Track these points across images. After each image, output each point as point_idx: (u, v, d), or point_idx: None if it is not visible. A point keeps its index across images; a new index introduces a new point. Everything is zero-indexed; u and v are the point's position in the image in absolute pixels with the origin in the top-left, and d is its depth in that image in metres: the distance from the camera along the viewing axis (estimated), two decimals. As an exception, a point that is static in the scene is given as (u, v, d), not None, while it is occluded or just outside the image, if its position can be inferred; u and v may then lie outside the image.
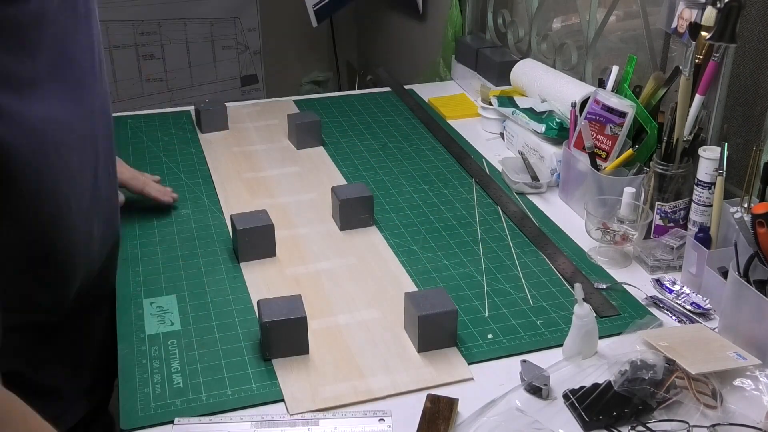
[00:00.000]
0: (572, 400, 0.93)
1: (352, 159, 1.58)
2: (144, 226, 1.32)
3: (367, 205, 1.31)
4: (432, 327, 1.01)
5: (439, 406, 0.91)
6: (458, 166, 1.55)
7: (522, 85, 1.68)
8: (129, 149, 1.61)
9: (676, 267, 1.20)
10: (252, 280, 1.17)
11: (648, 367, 0.94)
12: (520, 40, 1.95)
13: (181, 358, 1.01)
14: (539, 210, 1.39)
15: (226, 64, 3.17)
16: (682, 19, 1.29)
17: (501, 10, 2.00)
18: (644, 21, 1.48)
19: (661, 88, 1.34)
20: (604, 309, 1.10)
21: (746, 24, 1.21)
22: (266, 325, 0.98)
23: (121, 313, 1.10)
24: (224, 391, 0.96)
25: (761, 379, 0.95)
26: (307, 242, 1.27)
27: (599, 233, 1.23)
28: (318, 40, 3.44)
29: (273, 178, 1.49)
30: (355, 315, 1.09)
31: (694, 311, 1.11)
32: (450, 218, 1.36)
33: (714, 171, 1.14)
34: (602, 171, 1.33)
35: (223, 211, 1.36)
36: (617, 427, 0.90)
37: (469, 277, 1.19)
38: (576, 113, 1.41)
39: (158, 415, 0.92)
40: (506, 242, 1.29)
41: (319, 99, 1.90)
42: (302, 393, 0.95)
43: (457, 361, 1.01)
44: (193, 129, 1.70)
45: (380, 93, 1.94)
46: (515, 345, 1.04)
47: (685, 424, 0.89)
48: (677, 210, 1.24)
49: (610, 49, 1.66)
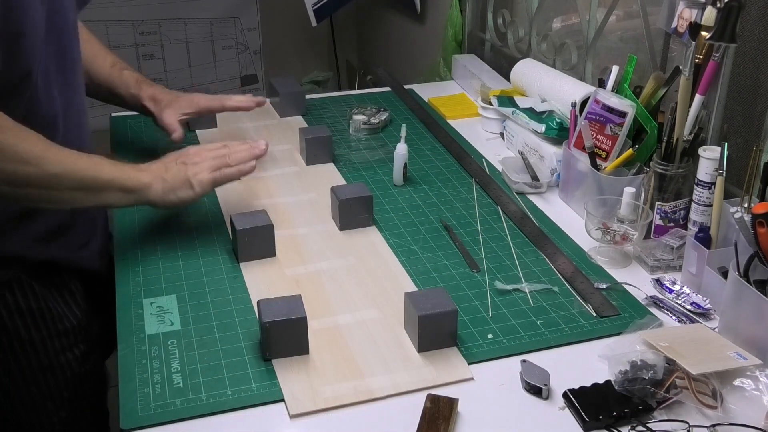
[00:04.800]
0: (572, 400, 0.93)
1: (352, 159, 1.58)
2: (144, 226, 1.32)
3: (366, 205, 1.31)
4: (432, 327, 1.01)
5: (439, 406, 0.91)
6: (458, 166, 1.55)
7: (522, 85, 1.68)
8: (129, 149, 1.61)
9: (676, 267, 1.20)
10: (252, 280, 1.17)
11: (648, 367, 0.94)
12: (520, 40, 1.95)
13: (181, 358, 1.01)
14: (539, 210, 1.39)
15: (226, 64, 3.18)
16: (682, 19, 1.29)
17: (501, 10, 2.00)
18: (644, 21, 1.48)
19: (661, 88, 1.34)
20: (604, 309, 1.10)
21: (746, 24, 1.21)
22: (266, 325, 0.98)
23: (121, 313, 1.10)
24: (224, 391, 0.96)
25: (761, 379, 0.95)
26: (306, 242, 1.27)
27: (599, 233, 1.23)
28: (318, 40, 3.45)
29: (272, 178, 1.49)
30: (355, 315, 1.09)
31: (694, 311, 1.11)
32: (450, 218, 1.36)
33: (714, 171, 1.14)
34: (602, 171, 1.33)
35: (223, 211, 1.36)
36: (617, 427, 0.90)
37: (469, 277, 1.19)
38: (576, 113, 1.41)
39: (158, 415, 0.92)
40: (506, 242, 1.29)
41: (320, 99, 1.90)
42: (302, 393, 0.95)
43: (457, 361, 1.00)
44: (193, 129, 1.69)
45: (380, 93, 1.94)
46: (515, 345, 1.04)
47: (685, 424, 0.89)
48: (677, 210, 1.24)
49: (610, 49, 1.66)
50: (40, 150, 1.05)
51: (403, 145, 1.44)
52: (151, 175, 1.16)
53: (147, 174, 1.16)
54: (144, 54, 3.03)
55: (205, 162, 1.21)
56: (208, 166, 1.20)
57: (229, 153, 1.23)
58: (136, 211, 1.36)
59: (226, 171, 1.22)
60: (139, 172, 1.15)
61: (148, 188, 1.15)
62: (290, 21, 3.29)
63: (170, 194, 1.17)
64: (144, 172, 1.16)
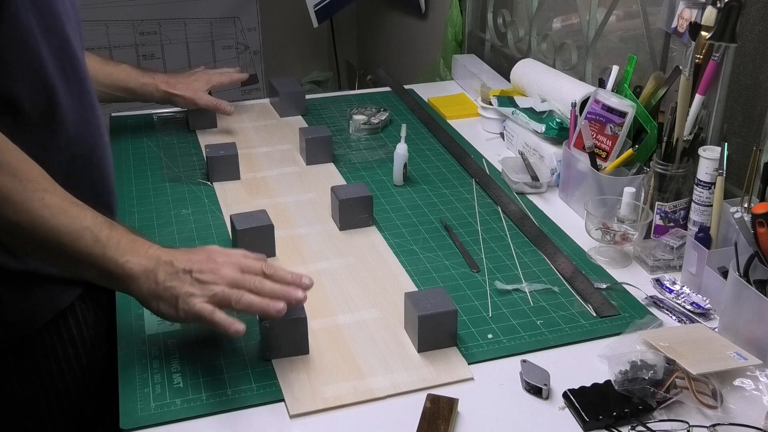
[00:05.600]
0: (572, 400, 0.93)
1: (352, 159, 1.58)
2: (144, 226, 1.32)
3: (366, 205, 1.31)
4: (432, 327, 1.01)
5: (439, 406, 0.91)
6: (458, 166, 1.55)
7: (522, 84, 1.68)
8: (129, 149, 1.61)
9: (676, 267, 1.20)
10: (252, 280, 1.17)
11: (648, 367, 0.94)
12: (520, 40, 1.95)
13: (181, 358, 1.01)
14: (539, 210, 1.39)
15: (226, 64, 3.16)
16: (682, 19, 1.29)
17: (501, 10, 2.00)
18: (644, 21, 1.48)
19: (661, 88, 1.34)
20: (604, 309, 1.10)
21: (746, 24, 1.21)
22: (266, 325, 0.98)
23: (121, 313, 1.10)
24: (224, 391, 0.96)
25: (761, 379, 0.95)
26: (306, 242, 1.27)
27: (599, 233, 1.23)
28: (318, 40, 3.45)
29: (272, 178, 1.49)
30: (355, 315, 1.09)
31: (694, 311, 1.11)
32: (450, 218, 1.35)
33: (714, 171, 1.14)
34: (602, 171, 1.33)
35: (222, 211, 1.36)
36: (617, 427, 0.90)
37: (469, 277, 1.19)
38: (576, 113, 1.41)
39: (158, 415, 0.92)
40: (506, 242, 1.29)
41: (320, 99, 1.90)
42: (302, 393, 0.95)
43: (457, 361, 1.00)
44: (193, 129, 1.69)
45: (380, 93, 1.94)
46: (515, 345, 1.04)
47: (685, 424, 0.89)
48: (677, 210, 1.24)
49: (610, 49, 1.66)
50: (9, 188, 0.87)
51: (403, 145, 1.44)
52: (142, 268, 0.93)
53: (138, 263, 0.94)
54: (144, 54, 3.02)
55: (218, 284, 0.94)
56: (215, 290, 0.93)
57: (260, 280, 0.96)
58: (136, 212, 1.36)
59: (244, 298, 0.94)
60: (130, 258, 0.93)
61: (131, 281, 0.93)
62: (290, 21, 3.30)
63: (153, 301, 0.94)
64: (138, 260, 0.94)
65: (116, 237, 0.94)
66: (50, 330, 1.10)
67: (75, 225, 0.91)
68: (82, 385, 1.16)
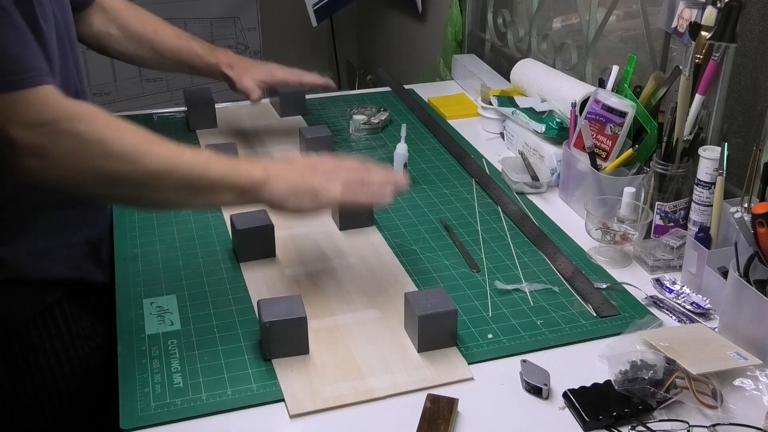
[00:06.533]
0: (572, 400, 0.93)
1: (352, 159, 1.58)
2: (144, 226, 1.32)
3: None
4: (432, 327, 1.01)
5: (439, 406, 0.91)
6: (458, 165, 1.55)
7: (522, 84, 1.68)
8: (129, 149, 1.60)
9: (676, 267, 1.20)
10: (252, 280, 1.17)
11: (648, 367, 0.94)
12: (520, 40, 1.95)
13: (181, 358, 1.01)
14: (539, 210, 1.39)
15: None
16: (682, 19, 1.29)
17: (501, 10, 2.00)
18: (644, 21, 1.48)
19: (661, 88, 1.34)
20: (604, 309, 1.10)
21: (746, 24, 1.21)
22: (266, 325, 0.98)
23: (121, 313, 1.10)
24: (224, 391, 0.96)
25: (761, 379, 0.95)
26: (306, 242, 1.27)
27: (599, 233, 1.23)
28: (318, 40, 3.45)
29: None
30: (355, 315, 1.09)
31: (694, 311, 1.11)
32: (450, 218, 1.36)
33: (714, 171, 1.14)
34: (602, 171, 1.33)
35: (222, 211, 1.36)
36: (617, 427, 0.90)
37: (469, 277, 1.19)
38: (576, 113, 1.41)
39: (158, 415, 0.92)
40: (506, 242, 1.29)
41: (320, 99, 1.90)
42: (302, 393, 0.95)
43: (457, 361, 1.00)
44: (193, 129, 1.70)
45: (380, 93, 1.94)
46: (515, 345, 1.04)
47: (685, 424, 0.89)
48: (677, 210, 1.24)
49: (610, 49, 1.66)
50: (136, 144, 0.95)
51: (403, 145, 1.44)
52: (266, 172, 1.01)
53: (261, 169, 1.01)
54: (144, 54, 3.02)
55: (340, 175, 1.04)
56: (343, 180, 1.03)
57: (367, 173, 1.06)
58: (136, 211, 1.36)
59: (359, 192, 1.04)
60: (251, 167, 1.01)
61: (263, 186, 1.00)
62: (290, 21, 3.29)
63: (291, 198, 1.01)
64: (257, 167, 1.01)
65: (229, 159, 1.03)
66: (37, 324, 1.12)
67: (198, 156, 1.00)
68: (71, 379, 1.17)
